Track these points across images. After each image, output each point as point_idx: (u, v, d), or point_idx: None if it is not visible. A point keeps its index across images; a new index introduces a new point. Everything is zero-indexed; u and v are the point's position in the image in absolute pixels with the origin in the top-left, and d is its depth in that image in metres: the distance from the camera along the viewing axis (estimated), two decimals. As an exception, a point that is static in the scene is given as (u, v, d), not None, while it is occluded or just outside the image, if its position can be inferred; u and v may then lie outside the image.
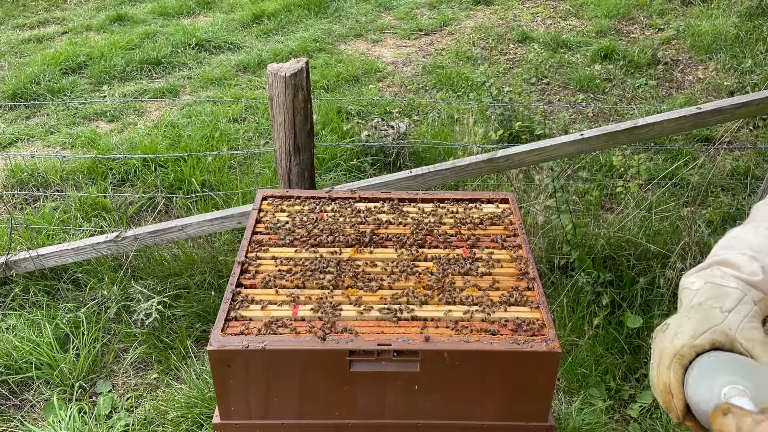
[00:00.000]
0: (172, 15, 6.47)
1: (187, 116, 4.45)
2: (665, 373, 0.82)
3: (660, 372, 0.83)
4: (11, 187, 3.76)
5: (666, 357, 0.82)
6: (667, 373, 0.81)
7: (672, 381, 0.81)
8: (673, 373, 0.81)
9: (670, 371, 0.81)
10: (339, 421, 1.51)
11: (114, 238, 2.82)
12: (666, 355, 0.82)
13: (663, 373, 0.82)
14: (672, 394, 0.81)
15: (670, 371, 0.81)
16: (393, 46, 5.75)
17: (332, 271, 1.65)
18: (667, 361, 0.82)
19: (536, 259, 2.94)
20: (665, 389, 0.82)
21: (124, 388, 2.61)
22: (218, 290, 2.92)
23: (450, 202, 1.94)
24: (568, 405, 2.46)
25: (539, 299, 1.55)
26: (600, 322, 2.63)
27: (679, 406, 0.81)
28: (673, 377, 0.81)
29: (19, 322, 2.79)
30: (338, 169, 3.79)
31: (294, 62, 2.32)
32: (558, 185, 2.87)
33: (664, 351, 0.83)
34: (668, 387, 0.81)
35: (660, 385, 0.83)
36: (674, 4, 6.12)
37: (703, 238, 2.97)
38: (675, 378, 0.81)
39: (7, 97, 4.80)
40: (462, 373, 1.43)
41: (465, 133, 3.79)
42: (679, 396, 0.80)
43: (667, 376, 0.81)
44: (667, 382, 0.81)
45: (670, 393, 0.81)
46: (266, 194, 1.96)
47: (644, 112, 4.31)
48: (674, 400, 0.81)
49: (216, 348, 1.41)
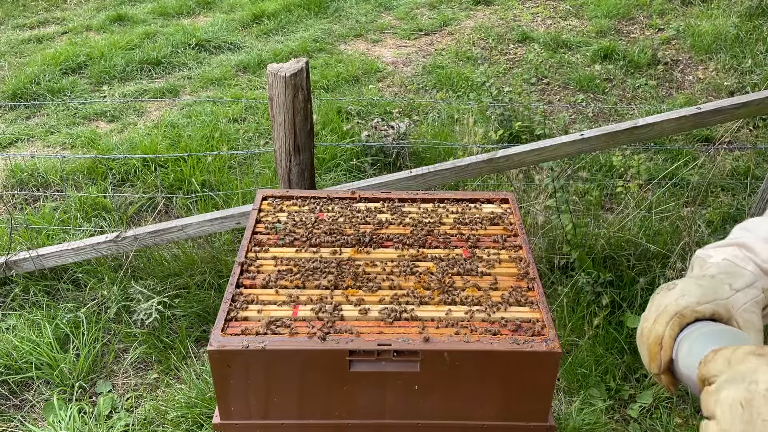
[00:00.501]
0: (172, 15, 6.48)
1: (187, 116, 4.45)
2: (661, 327, 0.86)
3: (656, 325, 0.87)
4: (11, 187, 3.76)
5: (667, 313, 0.86)
6: (664, 328, 0.86)
7: (666, 335, 0.85)
8: (670, 329, 0.85)
9: (668, 326, 0.85)
10: (339, 422, 1.51)
11: (114, 238, 2.82)
12: (668, 311, 0.86)
13: (659, 326, 0.86)
14: (662, 346, 0.86)
15: (668, 326, 0.85)
16: (393, 46, 5.75)
17: (332, 271, 1.65)
18: (667, 317, 0.86)
19: (536, 259, 2.94)
20: (656, 341, 0.86)
21: (124, 388, 2.61)
22: (218, 290, 2.92)
23: (450, 202, 1.94)
24: (568, 405, 2.46)
25: (539, 299, 1.55)
26: (600, 322, 2.63)
27: (665, 359, 0.85)
28: (668, 332, 0.85)
29: (19, 322, 2.79)
30: (338, 169, 3.79)
31: (294, 62, 2.32)
32: (558, 185, 2.87)
33: (667, 307, 0.87)
34: (660, 339, 0.86)
35: (651, 336, 0.87)
36: (674, 4, 6.12)
37: (703, 238, 2.97)
38: (670, 334, 0.85)
39: (7, 97, 4.80)
40: (462, 373, 1.43)
41: (465, 133, 3.79)
42: (668, 351, 0.85)
43: (662, 330, 0.86)
44: (661, 335, 0.86)
45: (659, 345, 0.86)
46: (266, 194, 1.96)
47: (644, 112, 4.31)
48: (662, 352, 0.86)
49: (216, 348, 1.41)
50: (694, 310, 0.85)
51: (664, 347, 0.85)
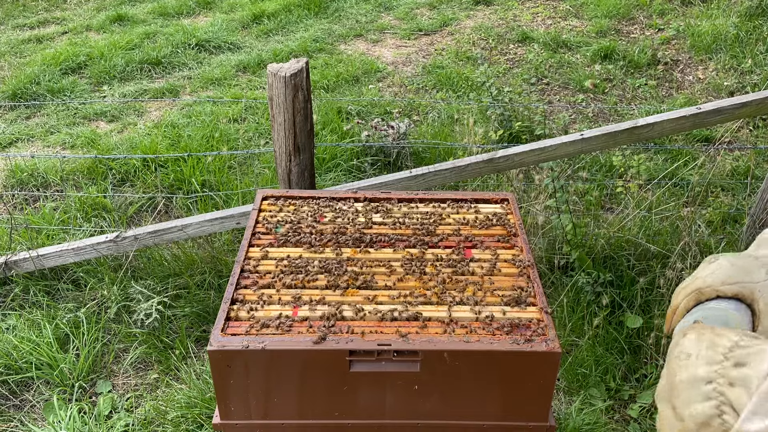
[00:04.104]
0: (172, 15, 6.48)
1: (187, 116, 4.45)
2: (681, 297, 0.91)
3: (679, 295, 0.92)
4: (11, 187, 3.76)
5: (692, 286, 0.91)
6: (682, 299, 0.91)
7: (681, 306, 0.91)
8: (686, 301, 0.90)
9: (685, 298, 0.91)
10: (339, 422, 1.51)
11: (114, 238, 2.82)
12: (694, 284, 0.91)
13: (680, 297, 0.92)
14: (675, 314, 0.92)
15: (685, 298, 0.91)
16: (393, 46, 5.75)
17: (332, 271, 1.65)
18: (689, 290, 0.90)
19: (536, 259, 2.94)
20: (672, 309, 0.92)
21: (124, 388, 2.61)
22: (218, 290, 2.92)
23: (450, 202, 1.94)
24: (568, 405, 2.46)
25: (539, 299, 1.55)
26: (600, 322, 2.63)
27: (673, 325, 0.92)
28: (683, 304, 0.91)
29: (19, 322, 2.79)
30: (338, 169, 3.79)
31: (294, 62, 2.32)
32: (558, 185, 2.87)
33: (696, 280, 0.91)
34: (675, 308, 0.92)
35: (673, 304, 0.93)
36: (674, 4, 6.12)
37: (703, 238, 2.97)
38: (684, 305, 0.91)
39: (7, 97, 4.80)
40: (462, 373, 1.43)
41: (465, 133, 3.79)
42: (678, 319, 0.91)
43: (680, 300, 0.91)
44: (677, 304, 0.91)
45: (674, 312, 0.92)
46: (266, 194, 1.96)
47: (644, 112, 4.31)
48: (673, 319, 0.92)
49: (216, 348, 1.41)
50: (715, 289, 0.88)
51: (676, 315, 0.91)
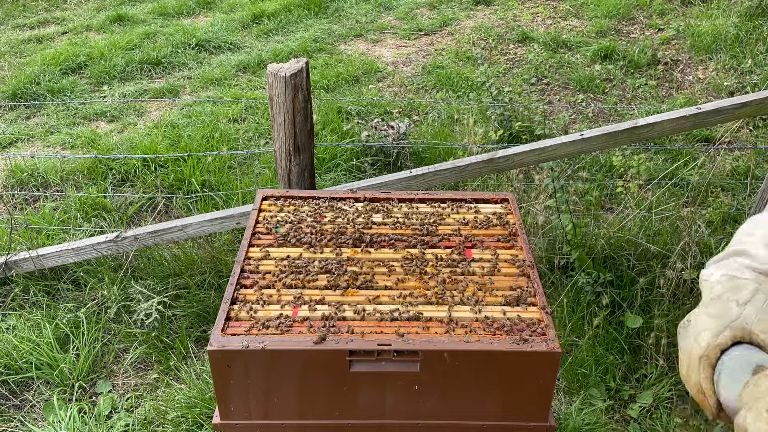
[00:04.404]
0: (172, 15, 6.48)
1: (187, 116, 4.45)
2: (696, 375, 0.86)
3: (690, 372, 0.87)
4: (11, 187, 3.76)
5: (694, 359, 0.86)
6: (698, 375, 0.86)
7: (703, 382, 0.85)
8: (703, 374, 0.85)
9: (700, 373, 0.85)
10: (339, 422, 1.51)
11: (114, 238, 2.82)
12: (693, 356, 0.86)
13: (693, 375, 0.86)
14: (704, 393, 0.85)
15: (700, 373, 0.85)
16: (393, 46, 5.75)
17: (332, 271, 1.65)
18: (696, 363, 0.86)
19: (536, 259, 2.94)
20: (697, 391, 0.86)
21: (124, 388, 2.61)
22: (218, 290, 2.92)
23: (450, 202, 1.94)
24: (568, 405, 2.46)
25: (539, 299, 1.55)
26: (600, 322, 2.63)
27: (712, 404, 0.85)
28: (703, 378, 0.85)
29: (19, 322, 2.79)
30: (338, 169, 3.79)
31: (294, 62, 2.32)
32: (558, 185, 2.87)
33: (691, 352, 0.87)
34: (700, 388, 0.86)
35: (693, 386, 0.87)
36: (674, 4, 6.12)
37: (703, 238, 2.96)
38: (705, 377, 0.85)
39: (7, 97, 4.80)
40: (462, 373, 1.43)
41: (465, 133, 3.79)
42: (711, 395, 0.85)
43: (697, 377, 0.86)
44: (698, 382, 0.86)
45: (702, 393, 0.86)
46: (266, 194, 1.96)
47: (644, 112, 4.31)
48: (708, 399, 0.85)
49: (216, 348, 1.41)
50: (715, 346, 0.85)
51: (707, 395, 0.85)
